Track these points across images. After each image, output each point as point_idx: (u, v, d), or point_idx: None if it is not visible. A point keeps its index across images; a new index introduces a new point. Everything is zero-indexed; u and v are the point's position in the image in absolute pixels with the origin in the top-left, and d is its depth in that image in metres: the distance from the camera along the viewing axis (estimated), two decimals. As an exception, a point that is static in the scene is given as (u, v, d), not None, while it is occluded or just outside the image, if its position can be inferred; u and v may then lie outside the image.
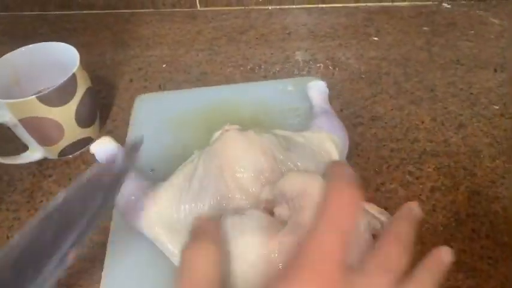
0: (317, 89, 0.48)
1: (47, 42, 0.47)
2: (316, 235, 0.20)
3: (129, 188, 0.37)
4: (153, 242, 0.36)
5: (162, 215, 0.35)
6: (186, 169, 0.36)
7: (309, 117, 0.47)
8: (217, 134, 0.38)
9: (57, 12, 0.74)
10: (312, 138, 0.39)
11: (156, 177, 0.42)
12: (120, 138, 0.49)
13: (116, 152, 0.42)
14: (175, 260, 0.34)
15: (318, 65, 0.59)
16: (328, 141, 0.38)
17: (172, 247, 0.34)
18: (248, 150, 0.34)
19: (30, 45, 0.47)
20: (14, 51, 0.46)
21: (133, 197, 0.36)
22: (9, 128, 0.44)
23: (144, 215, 0.36)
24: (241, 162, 0.33)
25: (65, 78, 0.42)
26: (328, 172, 0.23)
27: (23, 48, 0.47)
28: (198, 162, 0.36)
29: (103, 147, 0.41)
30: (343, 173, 0.22)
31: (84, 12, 0.74)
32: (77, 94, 0.44)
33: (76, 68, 0.43)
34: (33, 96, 0.40)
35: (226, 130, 0.36)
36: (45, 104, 0.41)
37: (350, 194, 0.21)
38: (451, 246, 0.37)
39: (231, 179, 0.33)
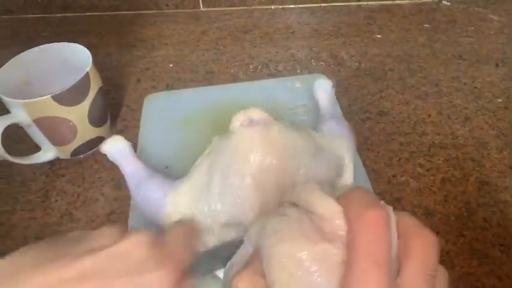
0: (323, 89, 0.47)
1: (59, 43, 0.48)
2: (357, 276, 0.19)
3: (148, 185, 0.38)
4: None
5: (183, 213, 0.35)
6: (206, 163, 0.36)
7: (317, 113, 0.48)
8: (238, 119, 0.36)
9: (59, 15, 0.74)
10: (328, 143, 0.38)
11: (171, 174, 0.43)
12: (131, 138, 0.50)
13: (128, 150, 0.41)
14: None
15: (322, 63, 0.60)
16: (343, 148, 0.38)
17: None
18: (271, 157, 0.33)
19: (42, 46, 0.47)
20: (27, 51, 0.47)
21: (156, 194, 0.36)
22: (21, 128, 0.44)
23: (164, 213, 0.36)
24: (264, 169, 0.33)
25: (77, 78, 0.42)
26: (346, 196, 0.22)
27: (36, 48, 0.47)
28: (218, 156, 0.36)
29: (114, 147, 0.40)
30: (360, 195, 0.22)
31: (87, 14, 0.74)
32: (90, 93, 0.44)
33: (89, 67, 0.43)
34: (48, 95, 0.40)
35: (250, 120, 0.35)
36: (60, 104, 0.41)
37: (375, 217, 0.20)
38: (464, 235, 0.38)
39: (252, 186, 0.33)
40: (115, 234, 0.24)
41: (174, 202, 0.36)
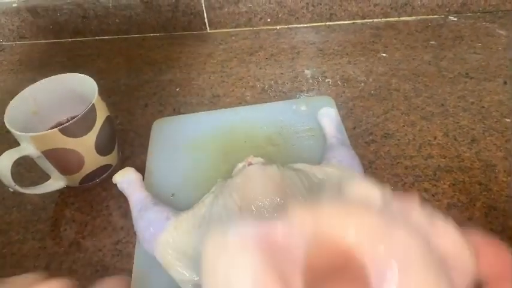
0: (328, 117, 0.48)
1: (66, 74, 0.49)
2: None
3: (153, 209, 0.39)
4: (165, 267, 0.36)
5: (177, 241, 0.36)
6: (208, 200, 0.37)
7: (323, 137, 0.48)
8: (240, 165, 0.38)
9: (70, 39, 0.76)
10: (333, 176, 0.38)
11: (177, 202, 0.44)
12: (139, 164, 0.51)
13: (138, 182, 0.43)
14: (184, 285, 0.35)
15: (328, 80, 0.60)
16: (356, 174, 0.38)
17: (182, 270, 0.35)
18: (267, 190, 0.34)
19: (50, 77, 0.48)
20: (35, 83, 0.48)
21: (159, 217, 0.37)
22: (30, 158, 0.45)
23: (160, 240, 0.36)
24: (259, 202, 0.34)
25: (84, 109, 0.43)
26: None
27: (43, 80, 0.48)
28: (219, 194, 0.37)
29: (125, 178, 0.42)
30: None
31: (97, 38, 0.76)
32: (96, 124, 0.45)
33: (95, 98, 0.44)
34: (56, 129, 0.42)
35: (249, 163, 0.37)
36: (67, 136, 0.42)
37: None
38: (471, 264, 0.38)
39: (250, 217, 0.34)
40: (33, 280, 0.24)
41: (176, 226, 0.37)
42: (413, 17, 0.70)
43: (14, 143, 0.43)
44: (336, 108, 0.52)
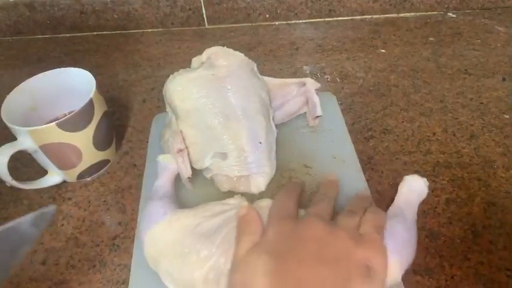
0: (415, 191, 0.40)
1: (63, 68, 0.48)
2: None
3: (160, 199, 0.38)
4: (148, 260, 0.36)
5: (168, 235, 0.35)
6: (217, 208, 0.37)
7: (324, 132, 0.48)
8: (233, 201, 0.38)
9: (68, 35, 0.76)
10: None
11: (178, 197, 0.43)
12: (137, 160, 0.50)
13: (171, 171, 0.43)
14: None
15: (326, 76, 0.60)
16: (393, 261, 0.32)
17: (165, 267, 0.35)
18: None
19: (47, 72, 0.48)
20: (32, 77, 0.48)
21: (159, 209, 0.37)
22: (28, 153, 0.45)
23: (150, 233, 0.36)
24: None
25: (82, 103, 0.43)
26: None
27: (40, 75, 0.48)
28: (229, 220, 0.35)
29: (165, 162, 0.43)
30: None
31: (95, 33, 0.75)
32: (94, 119, 0.45)
33: (93, 93, 0.44)
34: (53, 123, 0.41)
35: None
36: (65, 130, 0.42)
37: None
38: (469, 259, 0.38)
39: None
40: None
41: (171, 220, 0.36)
42: (413, 14, 0.70)
43: (12, 138, 0.43)
44: (343, 109, 0.51)
